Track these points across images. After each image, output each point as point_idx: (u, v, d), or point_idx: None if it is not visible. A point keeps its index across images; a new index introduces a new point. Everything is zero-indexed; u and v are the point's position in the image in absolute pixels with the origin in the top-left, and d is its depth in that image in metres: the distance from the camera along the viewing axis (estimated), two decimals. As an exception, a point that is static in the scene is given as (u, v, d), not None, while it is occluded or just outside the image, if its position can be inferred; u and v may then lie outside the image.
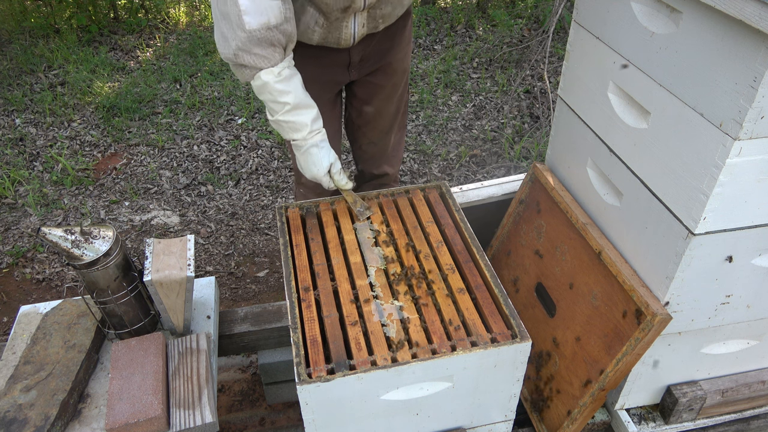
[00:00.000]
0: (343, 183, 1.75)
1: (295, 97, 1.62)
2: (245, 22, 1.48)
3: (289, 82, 1.62)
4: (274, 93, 1.61)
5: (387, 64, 2.02)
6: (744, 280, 1.47)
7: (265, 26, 1.50)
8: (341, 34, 1.77)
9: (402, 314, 1.46)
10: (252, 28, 1.49)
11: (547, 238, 1.86)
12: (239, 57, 1.54)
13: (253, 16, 1.48)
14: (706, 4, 1.14)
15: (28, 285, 3.03)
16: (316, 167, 1.72)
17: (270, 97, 1.62)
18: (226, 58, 1.58)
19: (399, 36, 1.98)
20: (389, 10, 1.80)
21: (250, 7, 1.48)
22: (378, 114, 2.16)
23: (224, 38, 1.55)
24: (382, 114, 2.17)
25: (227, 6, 1.49)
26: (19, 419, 1.46)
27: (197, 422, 1.50)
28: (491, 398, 1.49)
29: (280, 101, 1.62)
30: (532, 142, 3.93)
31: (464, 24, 5.56)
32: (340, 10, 1.68)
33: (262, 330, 2.01)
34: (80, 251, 1.53)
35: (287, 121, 1.65)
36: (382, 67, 2.03)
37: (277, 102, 1.62)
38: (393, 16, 1.85)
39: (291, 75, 1.63)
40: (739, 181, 1.24)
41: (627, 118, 1.50)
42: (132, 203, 3.54)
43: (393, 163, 2.36)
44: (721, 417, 1.80)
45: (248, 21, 1.48)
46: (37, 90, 4.59)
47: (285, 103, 1.62)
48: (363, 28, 1.78)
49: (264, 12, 1.49)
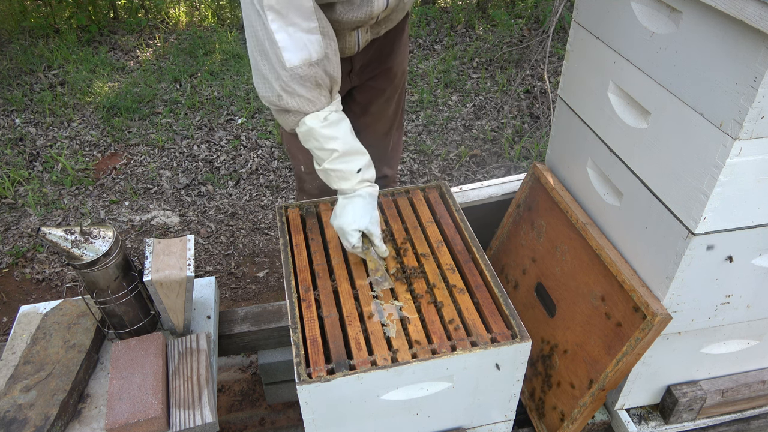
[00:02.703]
0: (382, 249, 1.59)
1: (343, 143, 1.49)
2: (285, 59, 1.39)
3: (337, 127, 1.50)
4: (320, 139, 1.48)
5: (387, 68, 2.01)
6: (744, 280, 1.47)
7: (307, 62, 1.41)
8: (346, 44, 1.74)
9: (402, 314, 1.46)
10: (293, 65, 1.40)
11: (547, 238, 1.86)
12: (283, 100, 1.44)
13: (293, 53, 1.39)
14: (706, 4, 1.14)
15: (28, 285, 3.03)
16: (354, 219, 1.53)
17: (316, 144, 1.50)
18: (269, 103, 1.48)
19: (398, 39, 1.98)
20: (394, 16, 1.80)
21: (289, 43, 1.39)
22: (377, 117, 2.15)
23: (265, 80, 1.44)
24: (381, 117, 2.16)
25: (265, 45, 1.40)
26: (19, 419, 1.46)
27: (197, 422, 1.50)
28: (491, 398, 1.49)
29: (327, 148, 1.49)
30: (532, 142, 3.93)
31: (464, 24, 5.56)
32: (352, 27, 1.65)
33: (262, 330, 2.01)
34: (80, 251, 1.53)
35: (334, 170, 1.51)
36: (383, 72, 2.01)
37: (324, 149, 1.49)
38: (395, 20, 1.84)
39: (339, 120, 1.51)
40: (739, 181, 1.24)
41: (627, 118, 1.50)
42: (132, 203, 3.54)
43: (392, 164, 2.36)
44: (721, 417, 1.80)
45: (288, 58, 1.39)
46: (37, 90, 4.59)
47: (333, 150, 1.49)
48: (367, 33, 1.77)
49: (304, 47, 1.40)
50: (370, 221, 1.55)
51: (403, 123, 2.31)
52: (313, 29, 1.41)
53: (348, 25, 1.61)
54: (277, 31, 1.37)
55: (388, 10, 1.64)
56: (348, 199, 1.55)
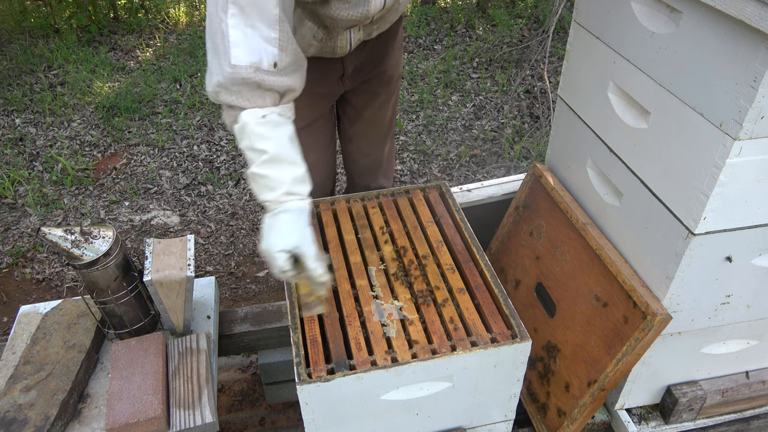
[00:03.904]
0: (318, 273, 1.30)
1: (276, 146, 1.31)
2: (233, 55, 1.26)
3: (275, 128, 1.33)
4: (252, 137, 1.31)
5: (382, 72, 1.99)
6: (744, 280, 1.47)
7: (255, 67, 1.28)
8: (337, 43, 1.72)
9: (402, 314, 1.46)
10: (239, 63, 1.27)
11: (547, 238, 1.86)
12: (220, 95, 1.31)
13: (243, 52, 1.27)
14: (706, 4, 1.14)
15: (28, 285, 3.03)
16: (277, 239, 1.30)
17: (248, 142, 1.32)
18: (210, 96, 1.34)
19: (392, 42, 1.96)
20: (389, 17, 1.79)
21: (241, 41, 1.27)
22: (372, 123, 2.13)
23: (209, 71, 1.32)
24: (376, 123, 2.14)
25: (217, 37, 1.28)
26: (19, 419, 1.46)
27: (197, 422, 1.50)
28: (491, 398, 1.49)
29: (257, 147, 1.30)
30: (532, 142, 3.93)
31: (464, 24, 5.56)
32: (346, 26, 1.64)
33: (262, 330, 2.01)
34: (80, 251, 1.53)
35: (262, 175, 1.31)
36: (377, 75, 1.99)
37: (254, 149, 1.31)
38: (388, 21, 1.82)
39: (279, 122, 1.34)
40: (739, 181, 1.24)
41: (627, 118, 1.50)
42: (132, 203, 3.54)
43: (388, 175, 2.34)
44: (721, 417, 1.80)
45: (236, 55, 1.27)
46: (37, 90, 4.59)
47: (262, 150, 1.30)
48: (359, 32, 1.76)
49: (256, 52, 1.28)
50: (299, 240, 1.30)
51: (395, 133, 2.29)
52: (272, 40, 1.30)
53: (343, 23, 1.59)
54: (234, 26, 1.27)
55: (384, 10, 1.63)
56: (273, 216, 1.34)
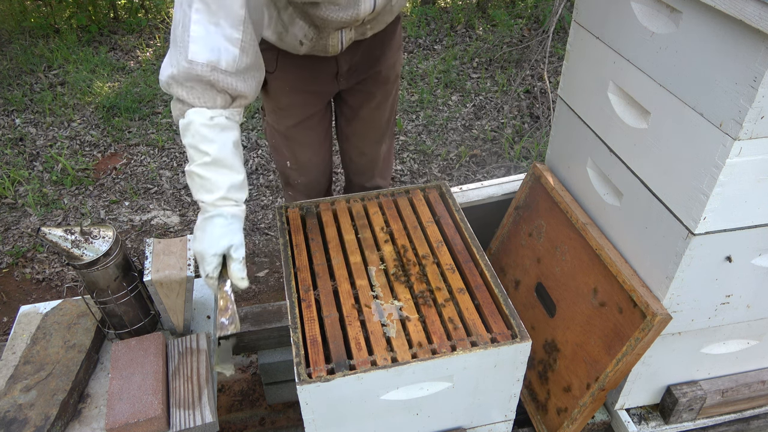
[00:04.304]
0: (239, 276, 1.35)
1: (219, 150, 1.34)
2: (191, 50, 1.27)
3: (220, 132, 1.35)
4: (197, 137, 1.34)
5: (377, 72, 1.97)
6: (744, 280, 1.47)
7: (211, 65, 1.29)
8: (328, 42, 1.71)
9: (402, 314, 1.46)
10: (195, 59, 1.27)
11: (547, 238, 1.86)
12: (171, 87, 1.32)
13: (202, 48, 1.28)
14: (706, 4, 1.14)
15: (28, 285, 3.03)
16: (211, 242, 1.34)
17: (192, 140, 1.34)
18: (161, 84, 1.36)
19: (388, 43, 1.94)
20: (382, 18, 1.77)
21: (201, 38, 1.27)
22: (368, 123, 2.12)
23: (166, 61, 1.33)
24: (372, 123, 2.12)
25: (178, 28, 1.29)
26: (19, 419, 1.46)
27: (197, 422, 1.50)
28: (491, 398, 1.49)
29: (200, 149, 1.34)
30: (532, 142, 3.93)
31: (464, 24, 5.56)
32: (337, 27, 1.63)
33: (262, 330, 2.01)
34: (80, 251, 1.53)
35: (200, 176, 1.35)
36: (373, 76, 1.98)
37: (198, 149, 1.34)
38: (382, 22, 1.80)
39: (226, 126, 1.36)
40: (739, 181, 1.24)
41: (627, 118, 1.50)
42: (132, 203, 3.54)
43: (385, 175, 2.33)
44: (721, 417, 1.80)
45: (194, 50, 1.27)
46: (37, 90, 4.59)
47: (205, 152, 1.34)
48: (351, 32, 1.74)
49: (216, 50, 1.29)
50: (229, 243, 1.35)
51: (394, 134, 2.28)
52: (235, 41, 1.31)
53: (333, 24, 1.59)
54: (197, 22, 1.27)
55: (375, 13, 1.62)
56: (207, 219, 1.37)
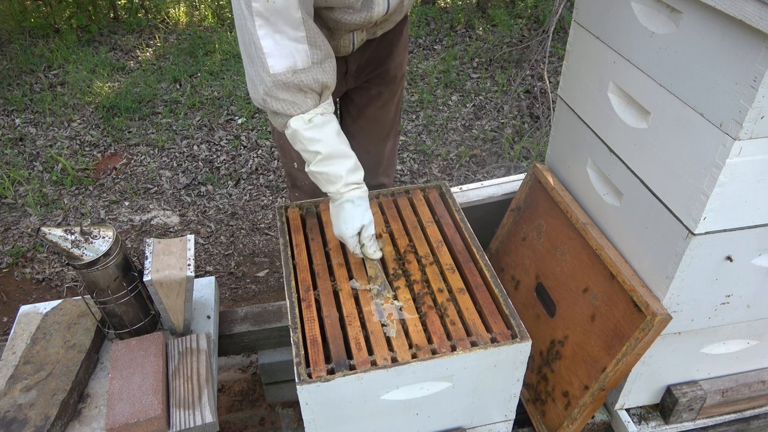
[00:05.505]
0: (371, 251, 1.57)
1: (326, 145, 1.48)
2: (270, 65, 1.39)
3: (321, 129, 1.49)
4: (304, 141, 1.49)
5: (385, 71, 2.00)
6: (744, 280, 1.47)
7: (291, 70, 1.41)
8: (340, 43, 1.74)
9: (402, 314, 1.46)
10: (277, 71, 1.40)
11: (547, 238, 1.86)
12: (267, 103, 1.45)
13: (278, 59, 1.39)
14: (706, 4, 1.14)
15: (28, 285, 3.03)
16: (346, 226, 1.53)
17: (301, 146, 1.51)
18: (257, 104, 1.49)
19: (396, 42, 1.96)
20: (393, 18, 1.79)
21: (274, 50, 1.39)
22: (374, 121, 2.13)
23: (252, 83, 1.46)
24: (378, 122, 2.14)
25: (251, 49, 1.40)
26: (19, 419, 1.46)
27: (197, 422, 1.50)
28: (491, 398, 1.49)
29: (310, 150, 1.49)
30: (532, 142, 3.93)
31: (464, 24, 5.56)
32: (350, 29, 1.65)
33: (262, 330, 2.01)
34: (80, 251, 1.53)
35: (320, 173, 1.51)
36: (380, 74, 2.00)
37: (308, 151, 1.50)
38: (392, 22, 1.83)
39: (324, 122, 1.49)
40: (739, 181, 1.24)
41: (627, 118, 1.50)
42: (132, 203, 3.54)
43: (389, 173, 2.34)
44: (721, 417, 1.80)
45: (273, 64, 1.39)
46: (37, 90, 4.59)
47: (316, 152, 1.49)
48: (363, 33, 1.76)
49: (290, 55, 1.40)
50: (362, 223, 1.54)
51: (398, 133, 2.29)
52: (301, 39, 1.40)
53: (347, 26, 1.61)
54: (264, 37, 1.38)
55: (387, 14, 1.64)
56: (338, 206, 1.55)
